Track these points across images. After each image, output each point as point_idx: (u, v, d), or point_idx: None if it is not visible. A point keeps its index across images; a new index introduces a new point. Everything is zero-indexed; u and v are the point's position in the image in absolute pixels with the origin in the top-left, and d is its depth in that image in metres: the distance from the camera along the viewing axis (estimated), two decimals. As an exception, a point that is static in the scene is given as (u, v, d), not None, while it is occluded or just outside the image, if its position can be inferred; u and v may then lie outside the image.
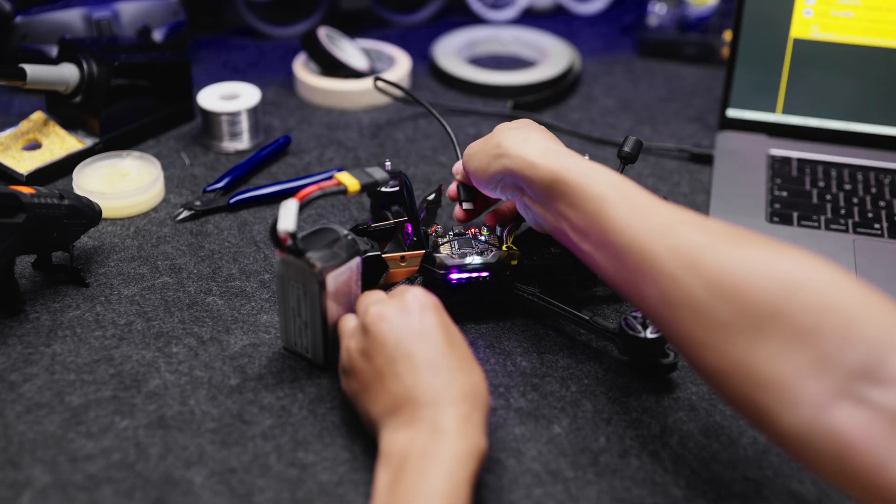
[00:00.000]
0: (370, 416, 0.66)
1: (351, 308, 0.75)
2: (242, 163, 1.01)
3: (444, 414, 0.62)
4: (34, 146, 1.01)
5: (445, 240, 0.82)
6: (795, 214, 0.94)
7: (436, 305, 0.68)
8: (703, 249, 0.60)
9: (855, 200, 0.96)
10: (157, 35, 1.16)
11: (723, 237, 0.61)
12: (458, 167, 0.85)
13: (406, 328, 0.66)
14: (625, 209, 0.65)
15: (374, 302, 0.69)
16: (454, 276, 0.79)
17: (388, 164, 0.86)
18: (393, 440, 0.62)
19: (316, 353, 0.75)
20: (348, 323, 0.72)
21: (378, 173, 0.72)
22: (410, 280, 0.82)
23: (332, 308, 0.73)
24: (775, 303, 0.56)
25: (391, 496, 0.59)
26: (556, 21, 1.38)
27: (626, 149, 0.84)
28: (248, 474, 0.67)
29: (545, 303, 0.80)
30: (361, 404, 0.67)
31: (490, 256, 0.80)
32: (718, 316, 0.58)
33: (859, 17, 1.01)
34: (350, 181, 0.70)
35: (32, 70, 0.96)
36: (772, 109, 1.06)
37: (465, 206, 0.84)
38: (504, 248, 0.81)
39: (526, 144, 0.73)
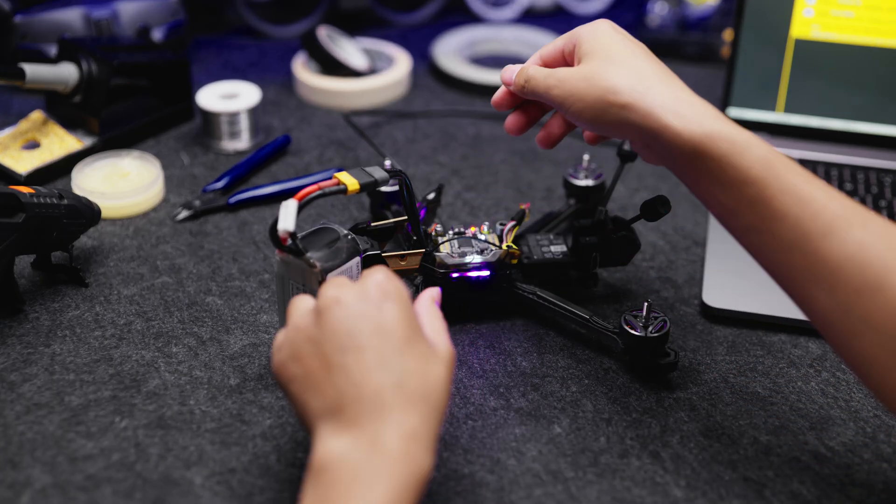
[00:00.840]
0: (308, 409, 0.58)
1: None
2: (242, 162, 1.01)
3: (387, 427, 0.54)
4: (33, 146, 1.01)
5: (445, 239, 0.82)
6: (796, 214, 0.94)
7: (400, 295, 0.60)
8: (892, 269, 0.55)
9: (856, 200, 0.96)
10: (157, 35, 1.16)
11: None
12: (510, 75, 0.74)
13: (362, 318, 0.58)
14: (790, 200, 0.59)
15: (334, 285, 0.61)
16: (454, 275, 0.79)
17: (387, 163, 0.86)
18: (328, 449, 0.55)
19: None
20: (302, 302, 0.63)
21: (378, 173, 0.72)
22: (410, 279, 0.81)
23: None
24: None
25: None
26: (556, 21, 1.38)
27: (626, 147, 0.84)
28: (247, 474, 0.67)
29: (545, 302, 0.79)
30: (300, 394, 0.59)
31: (490, 255, 0.80)
32: None
33: (860, 16, 1.01)
34: (349, 181, 0.70)
35: (32, 69, 0.96)
36: (772, 109, 1.06)
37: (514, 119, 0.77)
38: (504, 246, 0.81)
39: (650, 92, 0.63)
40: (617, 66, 0.66)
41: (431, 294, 0.66)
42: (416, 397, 0.56)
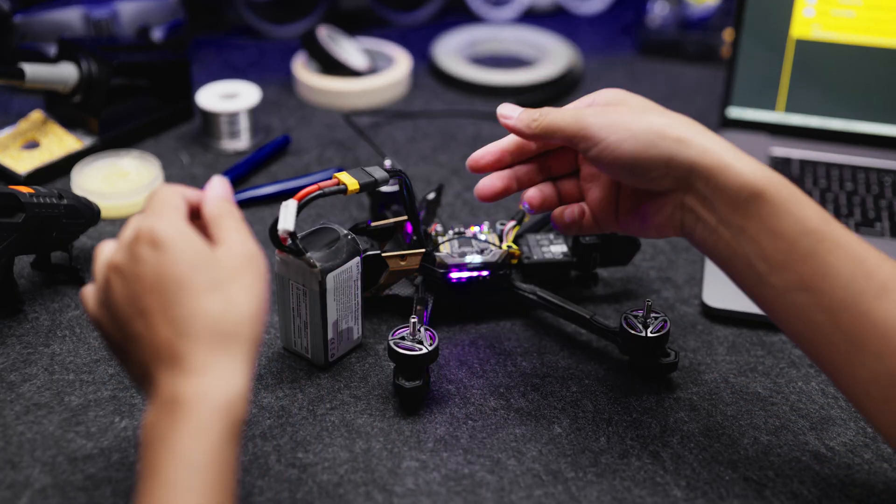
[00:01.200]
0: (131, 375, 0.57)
1: (351, 308, 0.75)
2: (242, 162, 1.01)
3: (180, 381, 0.52)
4: (33, 146, 1.00)
5: (445, 239, 0.82)
6: (796, 214, 0.94)
7: (158, 238, 0.54)
8: None
9: (856, 200, 0.96)
10: (157, 34, 1.16)
11: None
12: (511, 111, 0.68)
13: (134, 281, 0.54)
14: (846, 257, 0.56)
15: (101, 254, 0.57)
16: (454, 274, 0.79)
17: (387, 162, 0.85)
18: (145, 420, 0.53)
19: (316, 353, 0.75)
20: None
21: (377, 172, 0.72)
22: (410, 279, 0.81)
23: (332, 308, 0.73)
24: None
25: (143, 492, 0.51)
26: (556, 20, 1.37)
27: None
28: (247, 475, 0.67)
29: (545, 302, 0.79)
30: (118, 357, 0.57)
31: (490, 255, 0.80)
32: None
33: (861, 16, 1.01)
34: (349, 181, 0.70)
35: (31, 69, 0.96)
36: (772, 109, 1.06)
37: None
38: (504, 246, 0.81)
39: (705, 134, 0.61)
40: (660, 111, 0.64)
41: (215, 194, 0.59)
42: (207, 336, 0.52)
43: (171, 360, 0.52)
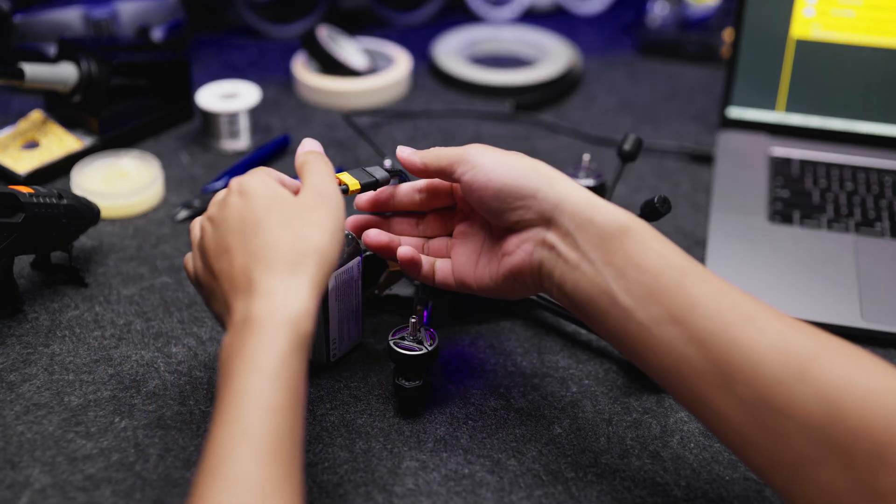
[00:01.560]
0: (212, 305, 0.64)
1: (351, 308, 0.75)
2: (241, 162, 1.01)
3: (252, 302, 0.58)
4: (33, 145, 1.00)
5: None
6: (797, 214, 0.94)
7: (247, 187, 0.62)
8: (814, 356, 0.54)
9: (857, 200, 0.96)
10: (157, 34, 1.16)
11: (830, 347, 0.55)
12: (408, 154, 0.70)
13: (223, 222, 0.62)
14: (710, 289, 0.58)
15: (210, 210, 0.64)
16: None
17: (387, 162, 0.85)
18: (224, 337, 0.59)
19: (318, 352, 0.75)
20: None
21: (378, 172, 0.72)
22: (410, 279, 0.81)
23: (333, 308, 0.73)
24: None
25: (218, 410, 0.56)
26: (556, 20, 1.37)
27: (626, 147, 0.84)
28: (247, 475, 0.67)
29: (545, 302, 0.79)
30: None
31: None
32: (834, 439, 0.52)
33: (861, 16, 1.01)
34: (350, 181, 0.70)
35: (31, 69, 0.96)
36: (772, 109, 1.06)
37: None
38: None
39: (575, 183, 0.64)
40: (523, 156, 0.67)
41: (304, 148, 0.68)
42: (277, 264, 0.58)
43: (246, 287, 0.58)
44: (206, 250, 0.62)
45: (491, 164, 0.65)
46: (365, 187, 0.71)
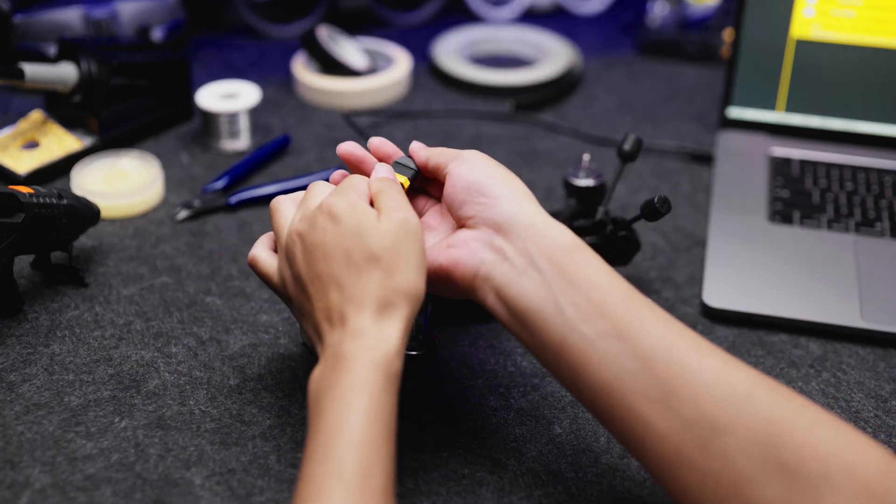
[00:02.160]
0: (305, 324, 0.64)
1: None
2: (242, 162, 1.01)
3: (343, 336, 0.59)
4: (33, 145, 1.00)
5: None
6: (797, 214, 0.94)
7: (337, 213, 0.62)
8: (760, 384, 0.56)
9: (857, 200, 0.96)
10: (157, 34, 1.16)
11: (775, 383, 0.56)
12: (417, 148, 0.71)
13: (316, 248, 0.62)
14: (656, 314, 0.60)
15: (292, 222, 0.65)
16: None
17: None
18: (313, 374, 0.60)
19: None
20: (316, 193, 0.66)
21: (410, 162, 0.71)
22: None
23: None
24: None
25: (310, 443, 0.57)
26: (556, 20, 1.37)
27: (626, 147, 0.83)
28: (247, 475, 0.67)
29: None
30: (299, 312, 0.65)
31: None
32: (779, 459, 0.53)
33: (861, 16, 1.01)
34: (403, 180, 0.70)
35: (31, 69, 0.96)
36: (772, 109, 1.06)
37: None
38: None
39: (535, 203, 0.65)
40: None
41: (379, 174, 0.68)
42: (369, 303, 0.60)
43: (339, 322, 0.60)
44: (296, 269, 0.63)
45: (477, 163, 0.67)
46: (412, 181, 0.71)
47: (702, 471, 0.55)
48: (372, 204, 0.64)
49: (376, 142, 0.72)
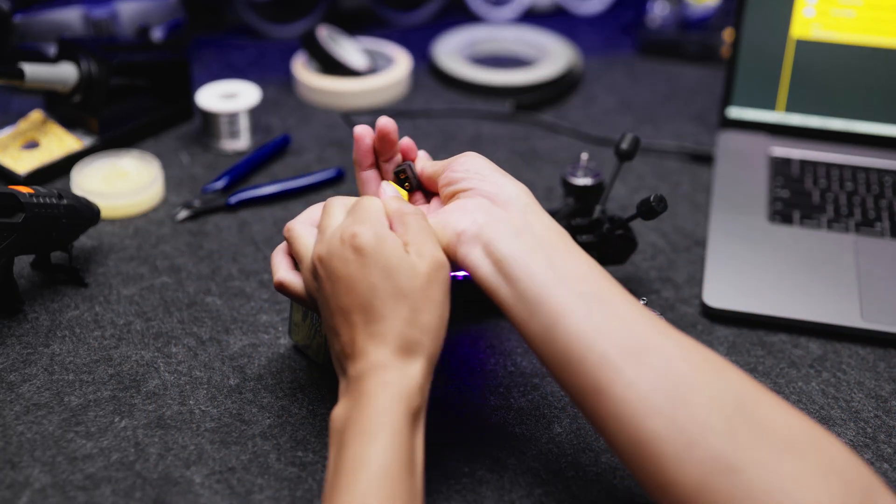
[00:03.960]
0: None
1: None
2: (242, 162, 1.01)
3: (366, 373, 0.59)
4: (33, 146, 1.00)
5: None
6: (797, 214, 0.94)
7: (360, 245, 0.61)
8: (727, 365, 0.57)
9: (857, 200, 0.96)
10: (157, 34, 1.16)
11: (735, 368, 0.57)
12: (422, 159, 0.73)
13: (338, 281, 0.61)
14: (634, 297, 0.61)
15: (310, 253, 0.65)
16: (460, 273, 0.79)
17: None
18: (336, 410, 0.60)
19: (318, 352, 0.75)
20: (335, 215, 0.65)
21: (409, 171, 0.73)
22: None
23: None
24: None
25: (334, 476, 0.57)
26: (556, 20, 1.37)
27: (624, 146, 0.83)
28: (247, 473, 0.67)
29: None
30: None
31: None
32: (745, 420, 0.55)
33: (861, 16, 1.01)
34: (403, 192, 0.71)
35: (31, 69, 0.96)
36: (772, 109, 1.06)
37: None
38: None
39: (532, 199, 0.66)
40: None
41: (390, 195, 0.68)
42: (392, 340, 0.59)
43: (361, 356, 0.60)
44: (322, 295, 0.62)
45: (477, 158, 0.68)
46: (411, 192, 0.72)
47: (667, 417, 0.55)
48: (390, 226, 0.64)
49: (407, 143, 0.74)
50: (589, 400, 0.59)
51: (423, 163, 0.73)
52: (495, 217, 0.63)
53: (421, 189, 0.73)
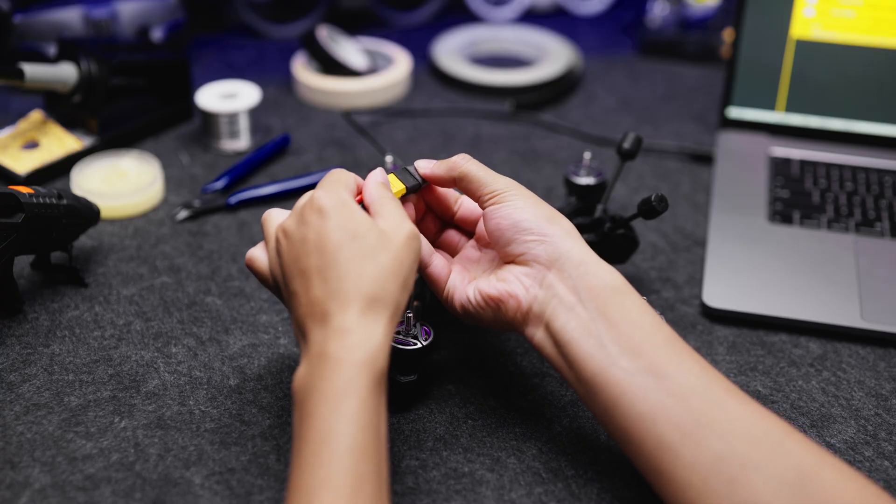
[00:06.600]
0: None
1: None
2: (241, 162, 1.01)
3: (328, 334, 0.59)
4: (33, 146, 1.00)
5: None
6: (797, 214, 0.94)
7: (326, 208, 0.61)
8: (788, 434, 0.57)
9: (857, 200, 0.96)
10: (156, 34, 1.16)
11: (798, 434, 0.58)
12: (426, 164, 0.71)
13: (301, 243, 0.62)
14: (694, 357, 0.61)
15: (282, 220, 0.65)
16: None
17: (388, 157, 0.86)
18: (298, 372, 0.60)
19: None
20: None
21: (417, 174, 0.71)
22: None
23: None
24: None
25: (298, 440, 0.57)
26: (556, 20, 1.37)
27: (626, 145, 0.83)
28: (247, 474, 0.67)
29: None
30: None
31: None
32: (807, 497, 0.55)
33: (861, 16, 1.01)
34: (396, 184, 0.70)
35: (31, 69, 0.96)
36: (772, 109, 1.06)
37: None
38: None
39: (578, 237, 0.66)
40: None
41: (376, 179, 0.67)
42: (355, 299, 0.59)
43: (321, 318, 0.59)
44: (282, 265, 0.63)
45: (519, 204, 0.67)
46: (409, 190, 0.71)
47: (728, 501, 0.56)
48: (360, 203, 0.64)
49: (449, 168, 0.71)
50: (653, 480, 0.60)
51: (428, 165, 0.71)
52: (551, 290, 0.64)
53: (425, 185, 0.72)
